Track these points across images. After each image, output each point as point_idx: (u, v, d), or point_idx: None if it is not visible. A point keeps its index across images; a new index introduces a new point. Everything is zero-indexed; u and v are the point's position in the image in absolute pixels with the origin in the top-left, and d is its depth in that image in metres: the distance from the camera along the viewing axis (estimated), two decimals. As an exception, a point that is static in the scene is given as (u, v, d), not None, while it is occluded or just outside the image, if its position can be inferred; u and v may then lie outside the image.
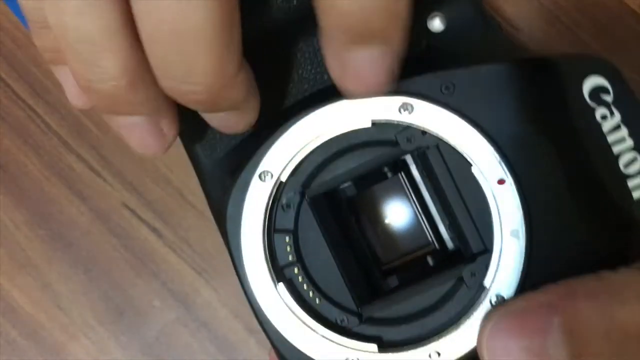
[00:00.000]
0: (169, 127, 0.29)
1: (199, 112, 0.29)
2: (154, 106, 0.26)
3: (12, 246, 0.49)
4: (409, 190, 0.31)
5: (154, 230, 0.49)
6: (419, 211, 0.31)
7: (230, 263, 0.50)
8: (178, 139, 0.50)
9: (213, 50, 0.24)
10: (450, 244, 0.31)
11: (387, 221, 0.32)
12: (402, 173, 0.31)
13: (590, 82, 0.29)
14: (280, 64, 0.31)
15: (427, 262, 0.32)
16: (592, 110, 0.29)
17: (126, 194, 0.49)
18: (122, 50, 0.25)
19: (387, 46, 0.26)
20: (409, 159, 0.31)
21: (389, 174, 0.32)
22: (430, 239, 0.32)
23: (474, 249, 0.29)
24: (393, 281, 0.32)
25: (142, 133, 0.28)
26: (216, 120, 0.29)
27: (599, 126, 0.29)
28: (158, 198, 0.49)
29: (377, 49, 0.26)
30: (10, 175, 0.50)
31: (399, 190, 0.32)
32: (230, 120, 0.29)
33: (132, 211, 0.49)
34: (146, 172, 0.49)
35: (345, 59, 0.26)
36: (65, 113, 0.50)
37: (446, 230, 0.31)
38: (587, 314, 0.26)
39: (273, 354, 0.31)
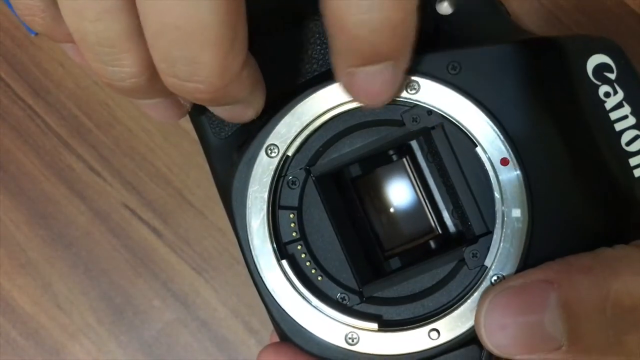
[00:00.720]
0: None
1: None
2: None
3: (12, 246, 0.49)
4: (413, 175, 0.32)
5: (154, 230, 0.49)
6: (422, 196, 0.32)
7: (230, 263, 0.51)
8: (176, 139, 0.50)
9: (218, 47, 0.24)
10: (452, 229, 0.32)
11: (390, 206, 0.32)
12: (407, 157, 0.32)
13: (594, 60, 0.29)
14: (290, 43, 0.31)
15: (429, 245, 0.32)
16: (596, 88, 0.29)
17: (126, 194, 0.49)
18: (140, 51, 0.25)
19: (394, 65, 0.26)
20: (414, 144, 0.31)
21: (394, 157, 0.32)
22: (433, 225, 0.32)
23: (476, 231, 0.29)
24: (395, 263, 0.32)
25: (162, 109, 0.29)
26: (222, 111, 0.29)
27: (602, 104, 0.29)
28: (158, 198, 0.49)
29: (385, 67, 0.26)
30: (10, 175, 0.50)
31: (402, 174, 0.32)
32: (236, 112, 0.29)
33: (132, 211, 0.49)
34: (146, 172, 0.50)
35: (353, 76, 0.27)
36: (65, 113, 0.50)
37: (449, 215, 0.32)
38: (582, 289, 0.26)
39: (274, 334, 0.31)
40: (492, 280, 0.29)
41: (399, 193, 0.32)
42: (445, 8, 0.31)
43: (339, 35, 0.25)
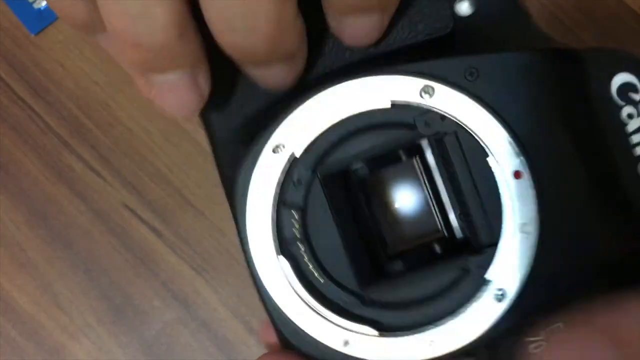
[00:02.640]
0: (205, 80, 0.28)
1: (247, 69, 0.28)
2: (197, 58, 0.26)
3: (12, 246, 0.49)
4: (422, 175, 0.31)
5: (154, 230, 0.49)
6: (430, 197, 0.31)
7: (230, 263, 0.51)
8: (176, 139, 0.50)
9: None
10: (459, 233, 0.31)
11: (397, 204, 0.32)
12: (417, 157, 0.31)
13: (620, 79, 0.29)
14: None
15: (434, 249, 0.32)
16: (619, 109, 0.29)
17: (126, 194, 0.49)
18: (173, 1, 0.24)
19: (382, 14, 0.27)
20: (424, 143, 0.31)
21: (404, 157, 0.32)
22: (439, 226, 0.31)
23: (482, 241, 0.29)
24: (398, 266, 0.32)
25: (181, 90, 0.28)
26: (266, 74, 0.28)
27: (623, 126, 0.29)
28: (158, 198, 0.49)
29: (373, 16, 0.27)
30: (10, 175, 0.50)
31: (411, 175, 0.31)
32: (280, 74, 0.28)
33: (132, 211, 0.49)
34: (146, 172, 0.50)
35: (343, 23, 0.28)
36: (65, 113, 0.50)
37: (456, 219, 0.31)
38: None
39: (265, 328, 0.30)
40: (494, 294, 0.28)
41: (407, 192, 0.32)
42: (464, 8, 0.30)
43: None
